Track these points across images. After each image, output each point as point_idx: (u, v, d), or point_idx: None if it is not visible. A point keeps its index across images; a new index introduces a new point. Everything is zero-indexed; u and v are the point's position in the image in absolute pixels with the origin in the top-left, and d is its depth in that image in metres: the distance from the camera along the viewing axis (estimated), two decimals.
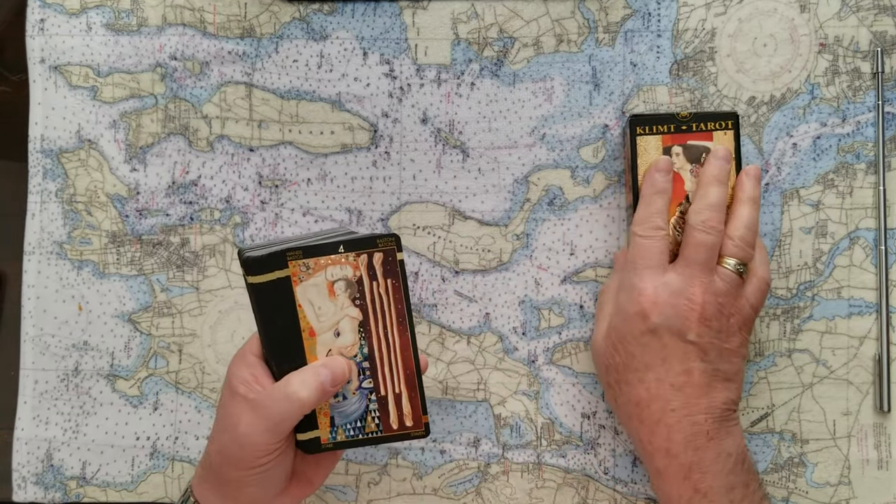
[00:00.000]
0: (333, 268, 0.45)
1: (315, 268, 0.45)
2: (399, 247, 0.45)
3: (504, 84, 0.58)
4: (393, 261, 0.45)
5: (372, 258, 0.45)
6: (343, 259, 0.45)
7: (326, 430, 0.46)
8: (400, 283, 0.45)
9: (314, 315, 0.45)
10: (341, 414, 0.46)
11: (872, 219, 0.57)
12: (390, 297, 0.45)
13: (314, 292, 0.45)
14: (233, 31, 0.58)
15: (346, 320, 0.46)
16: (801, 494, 0.56)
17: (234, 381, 0.46)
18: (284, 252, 0.44)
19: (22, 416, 0.58)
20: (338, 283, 0.45)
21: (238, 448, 0.44)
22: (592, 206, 0.58)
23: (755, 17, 0.57)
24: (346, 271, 0.45)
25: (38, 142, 0.59)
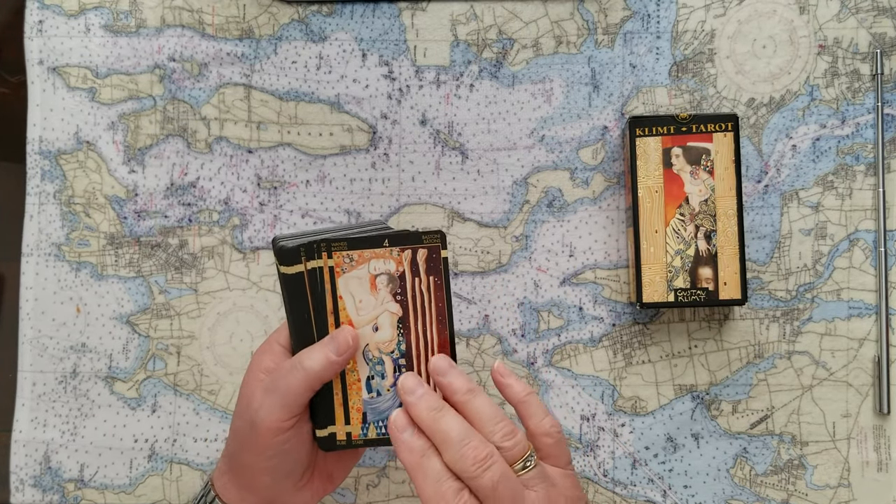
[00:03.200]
0: (377, 261, 0.45)
1: (359, 260, 0.45)
2: (444, 244, 0.45)
3: (503, 85, 0.58)
4: (437, 258, 0.45)
5: (416, 254, 0.45)
6: (387, 253, 0.45)
7: (358, 426, 0.46)
8: (442, 280, 0.45)
9: (354, 308, 0.45)
10: (374, 410, 0.46)
11: (872, 220, 0.56)
12: (431, 295, 0.45)
13: (356, 284, 0.45)
14: (231, 32, 0.58)
15: (385, 315, 0.45)
16: (800, 496, 0.56)
17: (256, 367, 0.46)
18: (318, 243, 0.44)
19: (20, 419, 0.58)
20: (380, 276, 0.45)
21: (250, 428, 0.44)
22: (592, 208, 0.57)
23: (754, 18, 0.57)
24: (390, 266, 0.45)
25: (37, 143, 0.59)
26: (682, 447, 0.56)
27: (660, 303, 0.53)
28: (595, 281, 0.57)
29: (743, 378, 0.56)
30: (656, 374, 0.57)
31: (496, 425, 0.42)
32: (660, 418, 0.56)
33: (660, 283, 0.53)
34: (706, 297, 0.53)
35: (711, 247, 0.53)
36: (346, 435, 0.46)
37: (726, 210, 0.53)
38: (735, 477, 0.56)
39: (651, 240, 0.54)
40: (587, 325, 0.57)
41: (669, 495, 0.56)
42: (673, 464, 0.56)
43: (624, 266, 0.57)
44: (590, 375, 0.57)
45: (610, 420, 0.57)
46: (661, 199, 0.54)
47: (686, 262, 0.53)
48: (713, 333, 0.57)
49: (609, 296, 0.57)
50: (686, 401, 0.56)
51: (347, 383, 0.45)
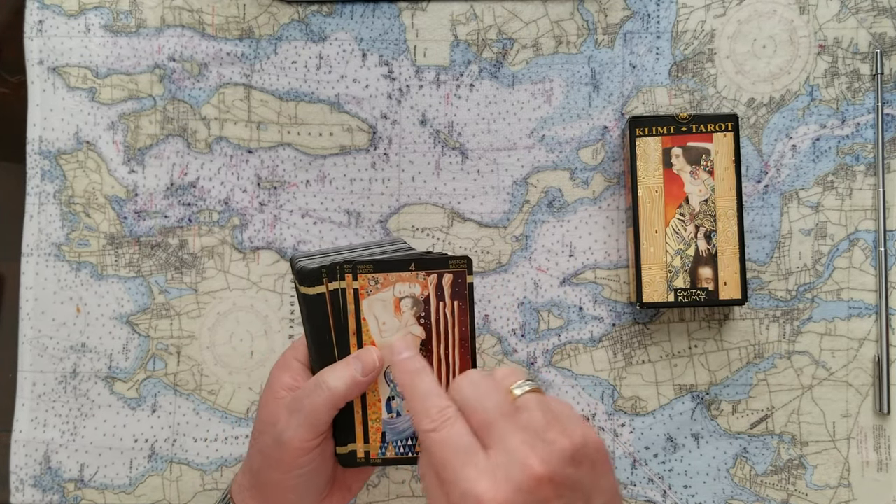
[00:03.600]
0: (402, 285, 0.45)
1: (384, 283, 0.45)
2: (470, 270, 0.45)
3: (503, 85, 0.58)
4: (462, 283, 0.45)
5: (442, 279, 0.45)
6: (413, 277, 0.45)
7: (377, 446, 0.46)
8: (467, 305, 0.45)
9: (377, 329, 0.45)
10: (393, 430, 0.46)
11: (872, 220, 0.56)
12: (455, 319, 0.45)
13: (380, 307, 0.45)
14: (231, 32, 0.58)
15: (408, 338, 0.45)
16: (800, 496, 0.56)
17: (276, 384, 0.45)
18: (342, 264, 0.44)
19: (20, 419, 0.58)
20: (405, 300, 0.45)
21: (277, 447, 0.44)
22: (592, 208, 0.57)
23: (754, 18, 0.57)
24: (415, 289, 0.45)
25: (37, 143, 0.59)
26: (682, 447, 0.56)
27: (660, 303, 0.53)
28: (595, 281, 0.57)
29: (743, 378, 0.56)
30: (656, 374, 0.57)
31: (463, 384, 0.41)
32: (660, 418, 0.56)
33: (660, 283, 0.53)
34: (706, 297, 0.53)
35: (711, 247, 0.53)
36: (364, 453, 0.46)
37: (726, 210, 0.53)
38: (735, 477, 0.56)
39: (651, 240, 0.54)
40: (587, 325, 0.57)
41: (669, 495, 0.56)
42: (673, 464, 0.56)
43: (624, 266, 0.57)
44: (590, 375, 0.57)
45: (610, 420, 0.57)
46: (661, 199, 0.54)
47: (686, 262, 0.53)
48: (713, 333, 0.57)
49: (609, 296, 0.57)
50: (686, 401, 0.56)
51: (368, 403, 0.46)
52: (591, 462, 0.38)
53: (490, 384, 0.40)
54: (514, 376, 0.41)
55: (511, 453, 0.37)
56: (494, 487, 0.36)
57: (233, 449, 0.57)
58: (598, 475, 0.38)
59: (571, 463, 0.37)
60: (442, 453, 0.38)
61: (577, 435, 0.38)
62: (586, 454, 0.38)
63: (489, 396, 0.39)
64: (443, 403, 0.40)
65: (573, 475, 0.37)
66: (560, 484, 0.37)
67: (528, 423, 0.38)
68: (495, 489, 0.36)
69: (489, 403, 0.39)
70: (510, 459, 0.37)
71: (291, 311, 0.58)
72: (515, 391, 0.40)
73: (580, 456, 0.37)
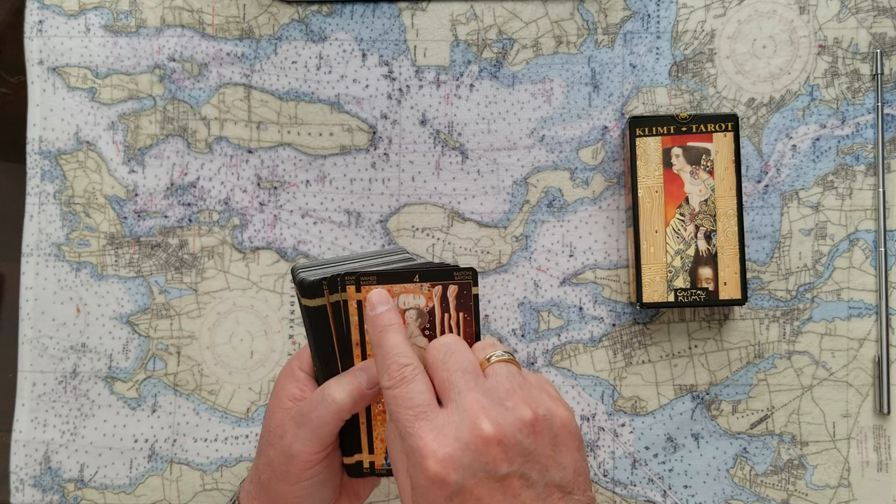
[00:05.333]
0: (407, 296, 0.44)
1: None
2: (475, 281, 0.44)
3: (503, 85, 0.58)
4: (468, 295, 0.44)
5: (446, 290, 0.44)
6: (417, 288, 0.44)
7: (382, 456, 0.46)
8: (472, 317, 0.44)
9: None
10: None
11: (872, 220, 0.56)
12: (461, 331, 0.44)
13: None
14: (231, 32, 0.58)
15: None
16: (800, 496, 0.56)
17: (281, 395, 0.45)
18: (343, 276, 0.44)
19: (20, 419, 0.58)
20: (409, 311, 0.44)
21: (284, 460, 0.44)
22: (592, 208, 0.57)
23: (754, 18, 0.57)
24: (419, 301, 0.44)
25: (37, 143, 0.59)
26: (682, 447, 0.56)
27: (660, 303, 0.53)
28: (595, 281, 0.57)
29: (743, 378, 0.56)
30: (656, 374, 0.57)
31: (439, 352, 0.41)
32: (660, 418, 0.56)
33: (660, 283, 0.53)
34: (706, 297, 0.53)
35: (711, 247, 0.53)
36: (370, 464, 0.46)
37: (726, 210, 0.53)
38: (735, 477, 0.56)
39: (651, 240, 0.54)
40: (587, 325, 0.57)
41: (669, 495, 0.56)
42: (673, 464, 0.56)
43: (624, 266, 0.57)
44: (590, 375, 0.57)
45: (610, 420, 0.57)
46: (661, 199, 0.54)
47: (686, 262, 0.53)
48: (713, 333, 0.57)
49: (609, 296, 0.57)
50: (686, 401, 0.56)
51: (373, 414, 0.45)
52: (552, 435, 0.38)
53: (461, 348, 0.40)
54: (491, 347, 0.41)
55: (463, 412, 0.37)
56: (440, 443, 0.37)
57: (233, 449, 0.57)
58: (560, 450, 0.38)
59: (528, 431, 0.37)
60: (396, 409, 0.38)
61: (542, 406, 0.38)
62: (548, 426, 0.38)
63: (454, 358, 0.39)
64: (403, 361, 0.40)
65: (528, 444, 0.37)
66: (511, 449, 0.36)
67: (491, 388, 0.38)
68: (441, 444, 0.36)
69: (452, 364, 0.39)
70: (461, 418, 0.37)
71: (291, 311, 0.58)
72: (490, 359, 0.40)
73: (540, 426, 0.37)
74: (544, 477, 0.37)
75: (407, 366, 0.40)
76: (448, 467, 0.36)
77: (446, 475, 0.36)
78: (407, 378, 0.39)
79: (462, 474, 0.36)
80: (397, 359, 0.40)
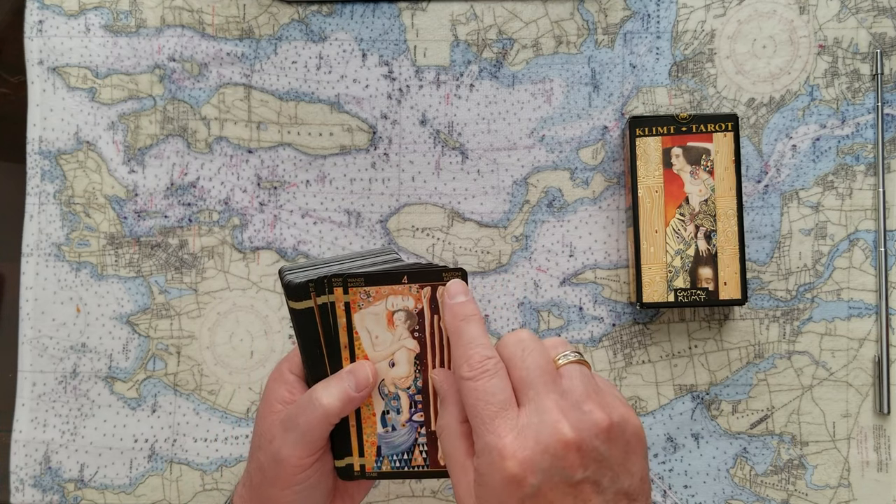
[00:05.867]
0: (395, 298, 0.43)
1: (376, 296, 0.43)
2: (465, 281, 0.44)
3: (503, 85, 0.58)
4: None
5: (435, 291, 0.43)
6: (406, 290, 0.43)
7: (372, 459, 0.45)
8: None
9: (370, 343, 0.44)
10: (389, 445, 0.45)
11: (872, 220, 0.56)
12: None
13: (372, 321, 0.44)
14: (231, 32, 0.58)
15: (402, 351, 0.44)
16: (800, 496, 0.56)
17: (271, 398, 0.45)
18: (329, 278, 0.43)
19: (20, 419, 0.58)
20: (398, 313, 0.44)
21: (274, 464, 0.43)
22: (592, 208, 0.57)
23: (754, 18, 0.57)
24: (408, 302, 0.43)
25: (37, 143, 0.59)
26: (682, 447, 0.56)
27: (660, 303, 0.53)
28: (595, 281, 0.57)
29: (743, 378, 0.56)
30: (656, 374, 0.57)
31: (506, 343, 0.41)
32: (660, 418, 0.56)
33: (660, 283, 0.53)
34: (706, 297, 0.53)
35: (711, 247, 0.53)
36: (360, 467, 0.46)
37: (726, 210, 0.53)
38: (735, 477, 0.56)
39: (651, 240, 0.54)
40: (587, 325, 0.57)
41: (669, 495, 0.56)
42: (673, 464, 0.56)
43: (624, 266, 0.57)
44: None
45: None
46: (661, 199, 0.54)
47: (686, 262, 0.53)
48: (713, 333, 0.57)
49: (609, 296, 0.57)
50: (686, 401, 0.56)
51: (362, 417, 0.45)
52: (624, 442, 0.37)
53: (537, 346, 0.39)
54: (562, 346, 0.40)
55: (543, 414, 0.37)
56: (520, 444, 0.36)
57: (233, 449, 0.57)
58: (630, 457, 0.37)
59: (604, 438, 0.37)
60: (475, 402, 0.38)
61: (616, 413, 0.38)
62: (621, 433, 0.37)
63: (533, 357, 0.39)
64: (487, 353, 0.39)
65: (603, 450, 0.37)
66: (587, 455, 0.36)
67: (567, 390, 0.38)
68: (521, 446, 0.36)
69: (531, 363, 0.38)
70: (541, 420, 0.36)
71: None
72: (560, 360, 0.39)
73: (615, 433, 0.37)
74: (615, 484, 0.37)
75: (490, 358, 0.39)
76: (527, 470, 0.36)
77: (524, 477, 0.36)
78: (489, 371, 0.38)
79: (540, 478, 0.36)
80: (480, 350, 0.39)
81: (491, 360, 0.39)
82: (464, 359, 0.39)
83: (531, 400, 0.37)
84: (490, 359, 0.39)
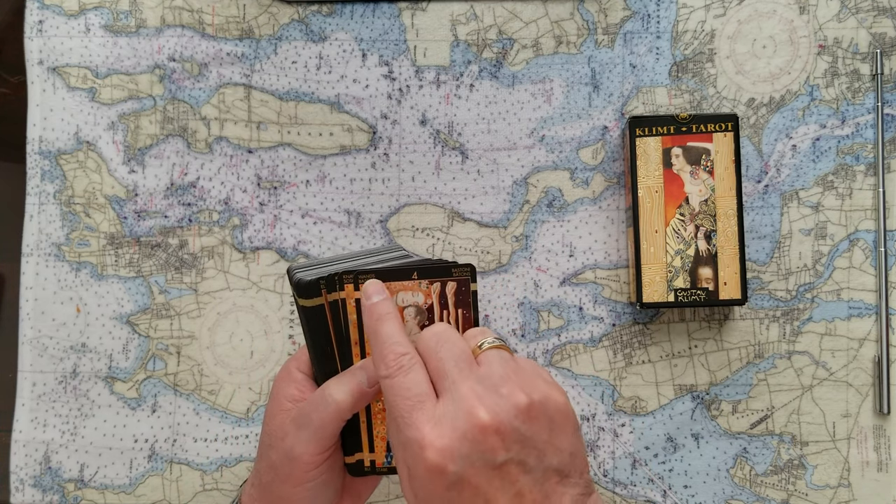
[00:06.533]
0: (405, 293, 0.44)
1: None
2: (474, 278, 0.44)
3: (503, 85, 0.58)
4: (466, 291, 0.44)
5: (445, 287, 0.44)
6: (416, 286, 0.44)
7: (382, 455, 0.46)
8: (471, 314, 0.44)
9: None
10: None
11: (872, 220, 0.56)
12: (459, 328, 0.44)
13: None
14: (231, 32, 0.58)
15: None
16: (800, 496, 0.56)
17: (281, 396, 0.45)
18: (341, 275, 0.43)
19: (20, 419, 0.58)
20: (408, 308, 0.44)
21: (287, 462, 0.43)
22: (592, 208, 0.57)
23: (754, 18, 0.57)
24: (418, 298, 0.44)
25: (37, 143, 0.59)
26: (682, 447, 0.56)
27: (660, 303, 0.53)
28: (595, 281, 0.57)
29: (743, 378, 0.56)
30: (656, 374, 0.57)
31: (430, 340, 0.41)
32: (660, 418, 0.56)
33: (660, 283, 0.53)
34: (706, 297, 0.53)
35: (711, 247, 0.53)
36: (370, 462, 0.46)
37: (726, 210, 0.53)
38: (735, 477, 0.56)
39: (651, 240, 0.54)
40: (587, 325, 0.57)
41: (669, 495, 0.56)
42: (673, 464, 0.56)
43: (624, 266, 0.57)
44: (590, 375, 0.57)
45: (610, 420, 0.57)
46: (661, 199, 0.54)
47: (686, 262, 0.53)
48: (713, 333, 0.57)
49: (609, 296, 0.57)
50: (686, 401, 0.56)
51: (372, 412, 0.45)
52: (548, 419, 0.37)
53: (453, 336, 0.40)
54: (481, 335, 0.41)
55: (459, 402, 0.37)
56: (438, 433, 0.36)
57: (233, 449, 0.57)
58: (556, 434, 0.37)
59: (524, 418, 0.37)
60: (394, 399, 0.38)
61: (538, 392, 0.38)
62: (543, 411, 0.37)
63: (447, 347, 0.39)
64: (400, 350, 0.39)
65: (524, 430, 0.37)
66: (507, 436, 0.36)
67: (485, 376, 0.38)
68: (438, 434, 0.36)
69: (445, 353, 0.39)
70: (457, 407, 0.37)
71: (291, 311, 0.58)
72: (481, 347, 0.40)
73: (536, 412, 0.37)
74: (542, 462, 0.37)
75: (404, 355, 0.39)
76: (446, 458, 0.36)
77: (445, 466, 0.36)
78: (404, 367, 0.39)
79: (460, 464, 0.36)
80: (394, 348, 0.39)
81: (406, 357, 0.39)
82: (380, 358, 0.40)
83: (447, 389, 0.38)
84: (404, 355, 0.39)
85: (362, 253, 0.49)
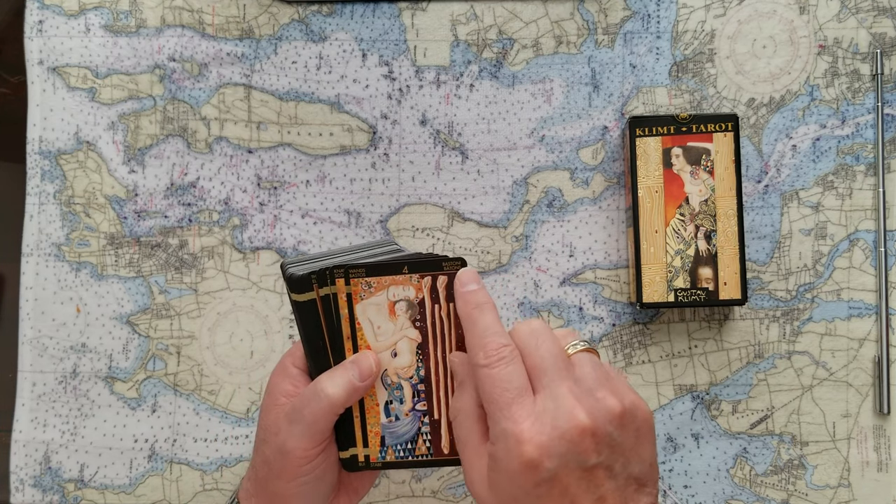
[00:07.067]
0: (396, 288, 0.44)
1: (377, 286, 0.44)
2: None
3: (503, 85, 0.58)
4: None
5: (436, 281, 0.44)
6: (407, 280, 0.44)
7: (376, 450, 0.46)
8: None
9: (372, 333, 0.44)
10: (392, 434, 0.45)
11: (872, 220, 0.56)
12: (451, 321, 0.44)
13: (374, 311, 0.44)
14: (231, 32, 0.58)
15: (404, 341, 0.45)
16: (800, 496, 0.56)
17: (275, 391, 0.45)
18: (332, 269, 0.43)
19: (20, 419, 0.58)
20: (399, 303, 0.44)
21: (280, 457, 0.44)
22: (592, 208, 0.57)
23: (754, 18, 0.57)
24: (409, 292, 0.44)
25: (37, 143, 0.59)
26: (682, 447, 0.56)
27: (660, 303, 0.53)
28: (595, 281, 0.57)
29: (743, 378, 0.56)
30: (656, 374, 0.57)
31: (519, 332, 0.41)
32: (660, 418, 0.56)
33: (660, 283, 0.53)
34: (706, 297, 0.53)
35: (711, 247, 0.53)
36: (365, 457, 0.46)
37: (726, 210, 0.53)
38: (735, 477, 0.56)
39: (651, 240, 0.54)
40: (587, 325, 0.57)
41: (669, 495, 0.56)
42: (673, 464, 0.56)
43: (624, 266, 0.57)
44: None
45: None
46: (661, 199, 0.54)
47: (686, 262, 0.53)
48: (713, 333, 0.57)
49: (609, 296, 0.57)
50: (686, 401, 0.56)
51: (366, 407, 0.45)
52: (635, 428, 0.38)
53: (548, 334, 0.40)
54: (571, 336, 0.41)
55: (559, 400, 0.38)
56: (538, 429, 0.37)
57: (233, 449, 0.57)
58: (641, 443, 0.38)
59: (617, 424, 0.38)
60: (492, 389, 0.39)
61: (628, 399, 0.39)
62: (633, 419, 0.38)
63: (546, 345, 0.40)
64: (502, 341, 0.40)
65: (616, 436, 0.37)
66: (601, 440, 0.37)
67: (580, 378, 0.39)
68: (538, 431, 0.37)
69: (545, 351, 0.39)
70: (557, 406, 0.37)
71: (291, 311, 0.58)
72: (569, 349, 0.40)
73: (627, 419, 0.38)
74: (626, 469, 0.38)
75: (505, 346, 0.40)
76: (544, 454, 0.37)
77: (541, 462, 0.37)
78: (506, 359, 0.39)
79: (556, 462, 0.37)
80: (495, 338, 0.40)
81: (507, 348, 0.40)
82: (479, 346, 0.40)
83: (546, 386, 0.38)
84: (506, 346, 0.40)
85: (354, 248, 0.49)
